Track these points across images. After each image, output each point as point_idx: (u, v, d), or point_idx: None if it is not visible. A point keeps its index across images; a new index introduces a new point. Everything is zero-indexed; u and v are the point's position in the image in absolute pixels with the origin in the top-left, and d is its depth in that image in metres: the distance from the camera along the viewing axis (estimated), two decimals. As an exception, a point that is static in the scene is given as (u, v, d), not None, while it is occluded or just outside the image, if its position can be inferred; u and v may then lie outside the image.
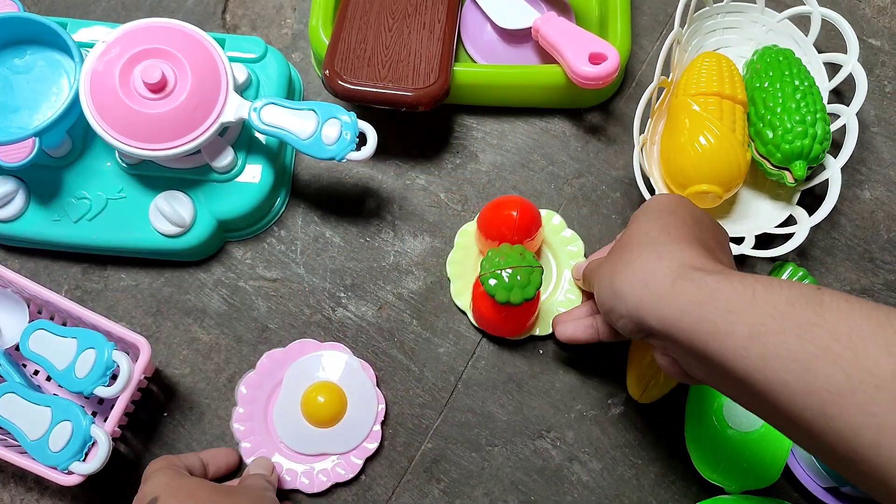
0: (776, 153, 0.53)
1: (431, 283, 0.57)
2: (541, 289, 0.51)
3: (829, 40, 0.63)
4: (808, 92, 0.54)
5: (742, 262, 0.57)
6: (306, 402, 0.53)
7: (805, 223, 0.54)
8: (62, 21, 0.57)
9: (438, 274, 0.57)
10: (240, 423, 0.53)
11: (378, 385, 0.54)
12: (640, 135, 0.54)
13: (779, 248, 0.53)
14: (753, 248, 0.53)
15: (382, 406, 0.53)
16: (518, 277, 0.48)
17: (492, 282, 0.49)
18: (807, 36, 0.60)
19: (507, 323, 0.53)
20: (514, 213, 0.52)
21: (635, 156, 0.53)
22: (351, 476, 0.52)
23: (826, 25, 0.60)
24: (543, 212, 0.56)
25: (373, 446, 0.53)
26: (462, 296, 0.56)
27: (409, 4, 0.58)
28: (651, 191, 0.55)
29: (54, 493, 0.52)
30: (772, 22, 0.61)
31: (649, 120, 0.56)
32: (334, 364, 0.54)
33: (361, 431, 0.53)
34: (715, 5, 0.60)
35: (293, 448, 0.53)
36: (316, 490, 0.52)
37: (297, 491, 0.52)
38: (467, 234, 0.57)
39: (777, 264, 0.55)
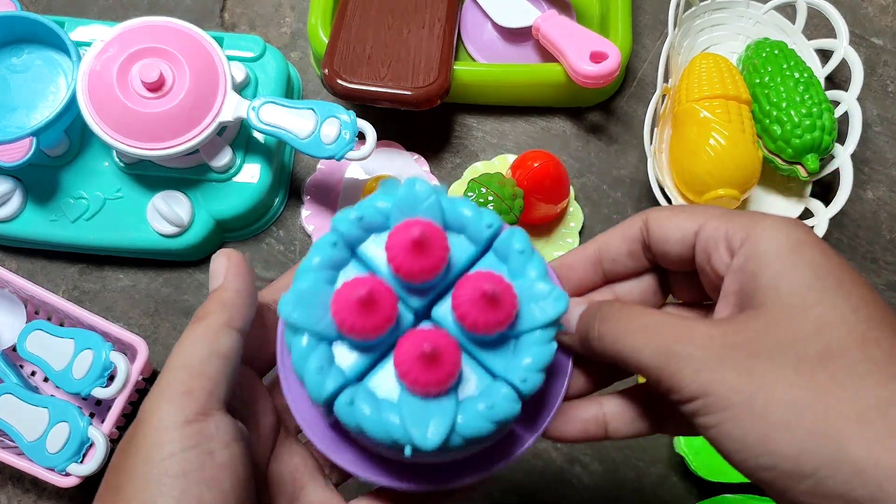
0: (787, 149, 0.53)
1: (431, 284, 0.56)
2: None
3: (816, 28, 0.63)
4: (810, 83, 0.54)
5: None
6: (367, 193, 0.56)
7: (823, 214, 0.54)
8: (59, 20, 0.56)
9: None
10: (308, 221, 0.57)
11: (431, 173, 0.59)
12: (650, 145, 0.54)
13: None
14: None
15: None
16: (490, 206, 0.50)
17: (471, 193, 0.51)
18: (794, 24, 0.60)
19: None
20: (536, 165, 0.52)
21: (650, 168, 0.53)
22: None
23: (812, 12, 0.60)
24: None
25: None
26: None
27: (409, 3, 0.57)
28: (667, 199, 0.54)
29: (51, 495, 0.52)
30: (758, 14, 0.61)
31: (655, 128, 0.56)
32: (389, 161, 0.58)
33: None
34: (702, 4, 0.60)
35: None
36: None
37: None
38: (504, 161, 0.58)
39: None
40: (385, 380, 0.26)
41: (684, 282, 0.30)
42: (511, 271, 0.27)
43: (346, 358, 0.25)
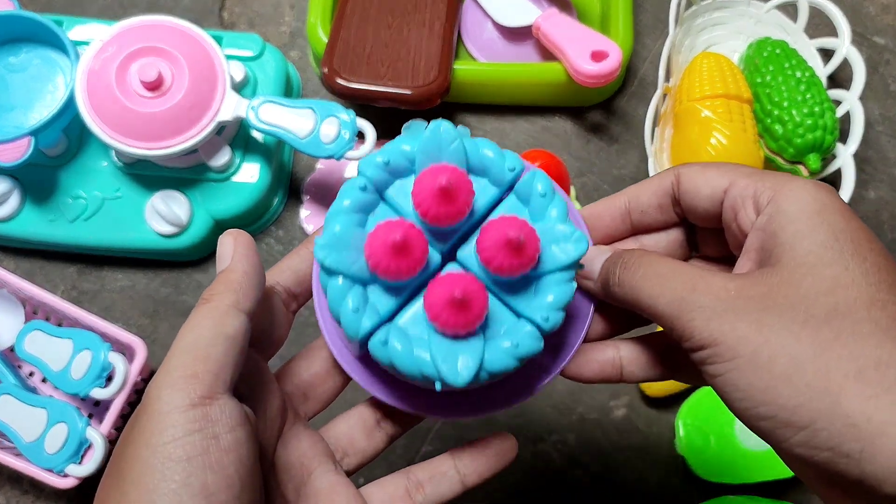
0: (788, 148, 0.53)
1: (431, 284, 0.56)
2: None
3: (818, 27, 0.62)
4: (811, 82, 0.54)
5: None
6: None
7: None
8: (58, 19, 0.56)
9: (438, 274, 0.57)
10: (308, 221, 0.57)
11: None
12: (651, 144, 0.54)
13: None
14: None
15: None
16: None
17: None
18: (795, 23, 0.60)
19: None
20: (536, 164, 0.52)
21: (651, 168, 0.53)
22: None
23: (814, 11, 0.59)
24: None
25: None
26: None
27: (409, 2, 0.57)
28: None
29: (50, 496, 0.52)
30: (759, 13, 0.61)
31: (656, 127, 0.56)
32: None
33: None
34: (703, 3, 0.60)
35: None
36: None
37: None
38: None
39: None
40: (415, 319, 0.27)
41: (711, 238, 0.31)
42: (532, 213, 0.28)
43: (379, 298, 0.27)
